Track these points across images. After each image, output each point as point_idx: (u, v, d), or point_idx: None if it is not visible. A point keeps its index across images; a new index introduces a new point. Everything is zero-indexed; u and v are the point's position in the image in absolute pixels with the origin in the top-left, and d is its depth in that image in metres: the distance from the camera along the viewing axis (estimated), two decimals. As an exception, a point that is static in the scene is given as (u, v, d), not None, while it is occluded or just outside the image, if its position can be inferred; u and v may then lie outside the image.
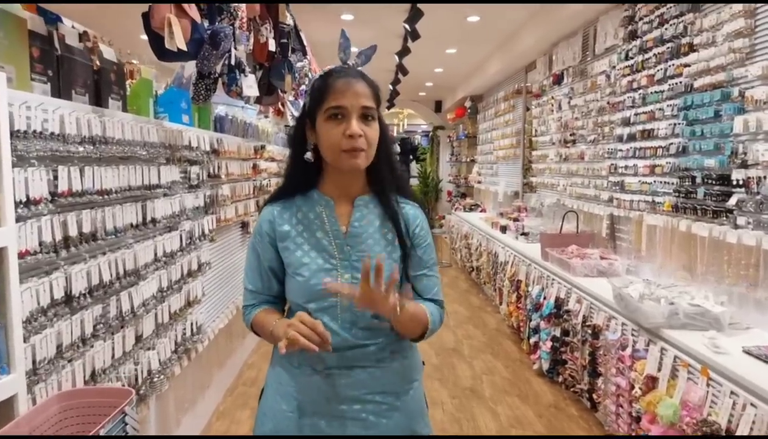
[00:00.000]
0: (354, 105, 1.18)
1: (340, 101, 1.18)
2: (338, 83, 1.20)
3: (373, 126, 1.21)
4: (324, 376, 1.23)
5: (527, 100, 6.48)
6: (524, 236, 5.10)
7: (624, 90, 3.64)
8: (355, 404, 1.24)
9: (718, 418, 1.86)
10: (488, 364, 4.16)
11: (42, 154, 1.45)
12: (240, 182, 3.74)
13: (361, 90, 1.20)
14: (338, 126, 1.19)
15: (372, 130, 1.21)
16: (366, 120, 1.20)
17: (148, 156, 2.12)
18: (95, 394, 1.40)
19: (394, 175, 1.30)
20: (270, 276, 1.31)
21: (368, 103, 1.20)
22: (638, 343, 2.51)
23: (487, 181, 8.37)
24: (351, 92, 1.18)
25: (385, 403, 1.26)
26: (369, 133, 1.20)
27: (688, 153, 2.88)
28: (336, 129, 1.19)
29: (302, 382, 1.26)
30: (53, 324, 1.50)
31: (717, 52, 2.66)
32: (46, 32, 1.69)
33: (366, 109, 1.20)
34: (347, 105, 1.18)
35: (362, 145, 1.18)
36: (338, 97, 1.19)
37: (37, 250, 1.42)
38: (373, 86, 1.24)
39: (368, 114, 1.20)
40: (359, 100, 1.19)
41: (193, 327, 2.69)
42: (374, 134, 1.22)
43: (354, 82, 1.20)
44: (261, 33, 3.02)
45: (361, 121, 1.19)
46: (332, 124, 1.19)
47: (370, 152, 1.22)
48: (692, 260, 2.82)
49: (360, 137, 1.18)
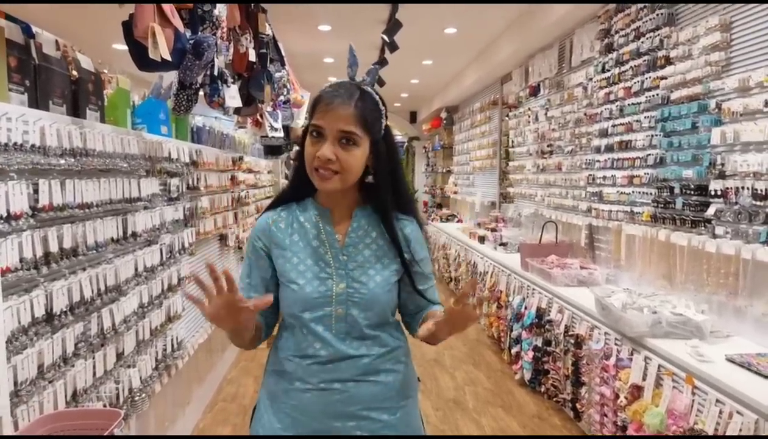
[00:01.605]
0: (332, 128, 1.16)
1: (319, 121, 1.18)
2: (323, 103, 1.18)
3: (352, 152, 1.18)
4: (318, 391, 1.21)
5: (503, 112, 6.57)
6: (503, 247, 5.14)
7: (601, 102, 3.71)
8: (349, 421, 1.22)
9: (705, 426, 1.89)
10: (470, 375, 4.16)
11: (22, 167, 1.39)
12: (218, 194, 3.68)
13: (344, 113, 1.16)
14: (314, 145, 1.18)
15: (349, 156, 1.17)
16: (345, 144, 1.17)
17: (128, 168, 2.06)
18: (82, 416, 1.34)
19: (396, 195, 1.28)
20: (260, 286, 1.28)
21: (347, 128, 1.16)
22: (622, 352, 2.53)
23: (464, 191, 8.43)
24: (331, 115, 1.16)
25: (380, 420, 1.24)
26: (344, 158, 1.17)
27: (666, 164, 2.95)
28: (312, 148, 1.18)
29: (296, 398, 1.23)
30: (34, 344, 1.43)
31: (693, 65, 2.74)
32: (23, 41, 1.63)
33: (344, 133, 1.17)
34: (325, 127, 1.17)
35: (334, 167, 1.17)
36: (319, 118, 1.18)
37: (18, 267, 1.36)
38: (361, 108, 1.18)
39: (348, 139, 1.17)
40: (338, 123, 1.16)
41: (174, 343, 2.62)
42: (351, 160, 1.18)
43: (339, 104, 1.17)
44: (241, 43, 2.99)
45: (339, 145, 1.17)
46: (311, 141, 1.19)
47: (345, 176, 1.19)
48: (671, 269, 2.87)
49: (330, 161, 1.16)
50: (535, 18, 4.54)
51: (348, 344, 1.21)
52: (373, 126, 1.21)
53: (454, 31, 5.58)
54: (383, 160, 1.25)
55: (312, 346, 1.21)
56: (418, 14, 4.94)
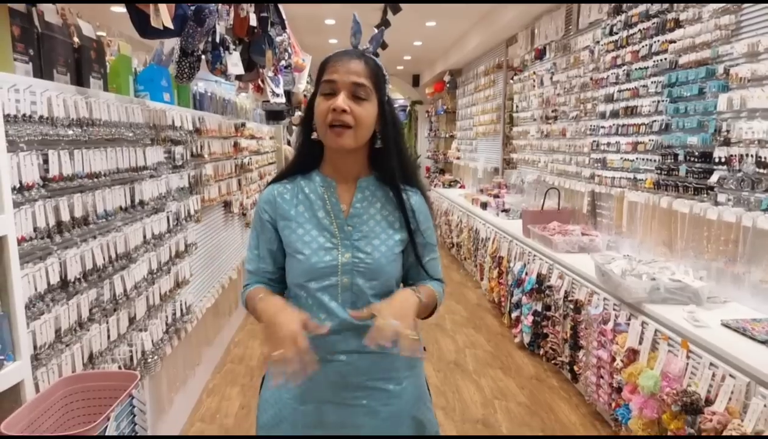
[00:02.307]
0: (345, 81, 1.18)
1: (331, 76, 1.19)
2: (333, 61, 1.21)
3: (365, 106, 1.20)
4: (326, 363, 1.23)
5: (508, 75, 6.48)
6: (505, 213, 5.17)
7: (608, 66, 3.67)
8: (357, 392, 1.25)
9: (698, 388, 1.95)
10: (470, 338, 4.25)
11: (32, 139, 1.41)
12: (222, 161, 3.69)
13: (355, 67, 1.19)
14: (327, 101, 1.19)
15: (362, 109, 1.19)
16: (358, 98, 1.19)
17: (134, 137, 2.08)
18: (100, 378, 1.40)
19: (401, 161, 1.29)
20: (267, 257, 1.31)
21: (360, 81, 1.19)
22: (620, 317, 2.59)
23: (467, 157, 8.40)
24: (343, 68, 1.19)
25: (386, 390, 1.27)
26: (358, 112, 1.19)
27: (671, 130, 2.94)
28: (325, 103, 1.19)
29: None
30: (50, 309, 1.48)
31: (703, 29, 2.69)
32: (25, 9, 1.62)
33: (357, 85, 1.19)
34: (338, 80, 1.19)
35: (348, 121, 1.18)
36: (331, 72, 1.20)
37: (32, 236, 1.40)
38: (372, 66, 1.22)
39: (360, 92, 1.19)
40: (350, 76, 1.18)
41: (183, 307, 2.68)
42: (364, 113, 1.20)
43: (349, 59, 1.20)
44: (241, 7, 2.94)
45: (352, 99, 1.19)
46: (323, 98, 1.20)
47: (359, 132, 1.20)
48: (672, 236, 2.90)
49: (346, 113, 1.17)
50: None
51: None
52: (381, 84, 1.24)
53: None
54: (390, 125, 1.26)
55: (317, 316, 1.22)
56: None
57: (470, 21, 6.80)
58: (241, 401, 3.19)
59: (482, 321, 4.64)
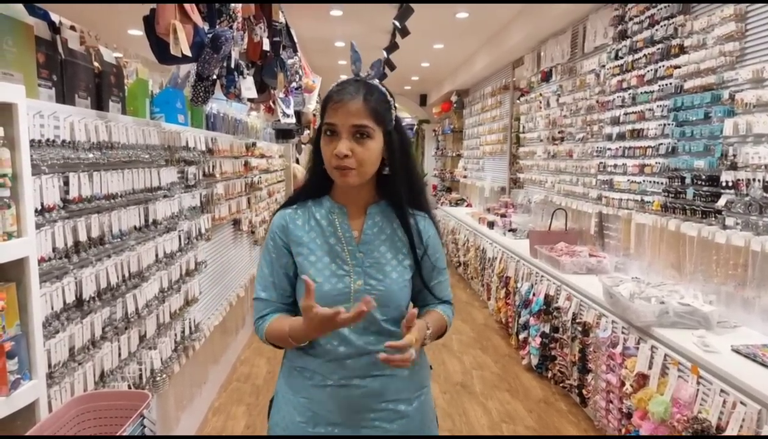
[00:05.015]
0: (344, 124, 1.20)
1: (332, 119, 1.21)
2: (333, 101, 1.22)
3: (368, 144, 1.21)
4: (338, 387, 1.25)
5: (514, 96, 6.54)
6: (512, 232, 5.17)
7: (613, 89, 3.71)
8: (369, 413, 1.26)
9: (709, 415, 1.94)
10: (478, 359, 4.23)
11: (54, 162, 1.45)
12: (232, 180, 3.74)
13: (355, 108, 1.19)
14: (330, 143, 1.21)
15: (365, 150, 1.21)
16: (360, 138, 1.20)
17: (149, 159, 2.12)
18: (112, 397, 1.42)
19: (410, 185, 1.31)
20: (285, 282, 1.31)
21: (360, 122, 1.20)
22: (629, 341, 2.58)
23: (473, 176, 8.44)
24: (343, 111, 1.20)
25: (397, 411, 1.28)
26: (360, 153, 1.20)
27: (678, 154, 2.96)
28: (328, 146, 1.21)
29: (316, 393, 1.27)
30: (65, 328, 1.51)
31: (707, 55, 2.73)
32: (50, 37, 1.68)
33: (358, 127, 1.20)
34: (338, 123, 1.20)
35: (350, 164, 1.20)
36: (331, 115, 1.21)
37: (51, 256, 1.43)
38: (372, 102, 1.22)
39: (361, 132, 1.20)
40: (350, 119, 1.19)
41: (191, 325, 2.70)
42: (367, 154, 1.21)
43: (349, 100, 1.20)
44: (255, 32, 3.02)
45: (353, 140, 1.20)
46: (326, 140, 1.22)
47: (362, 170, 1.22)
48: (680, 259, 2.90)
49: (347, 158, 1.19)
50: (548, 4, 4.51)
51: (366, 340, 1.24)
52: (384, 117, 1.24)
53: (466, 15, 5.55)
54: (397, 150, 1.27)
55: (330, 342, 1.24)
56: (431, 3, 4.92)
57: (477, 43, 6.89)
58: (246, 421, 3.18)
59: (489, 342, 4.62)
